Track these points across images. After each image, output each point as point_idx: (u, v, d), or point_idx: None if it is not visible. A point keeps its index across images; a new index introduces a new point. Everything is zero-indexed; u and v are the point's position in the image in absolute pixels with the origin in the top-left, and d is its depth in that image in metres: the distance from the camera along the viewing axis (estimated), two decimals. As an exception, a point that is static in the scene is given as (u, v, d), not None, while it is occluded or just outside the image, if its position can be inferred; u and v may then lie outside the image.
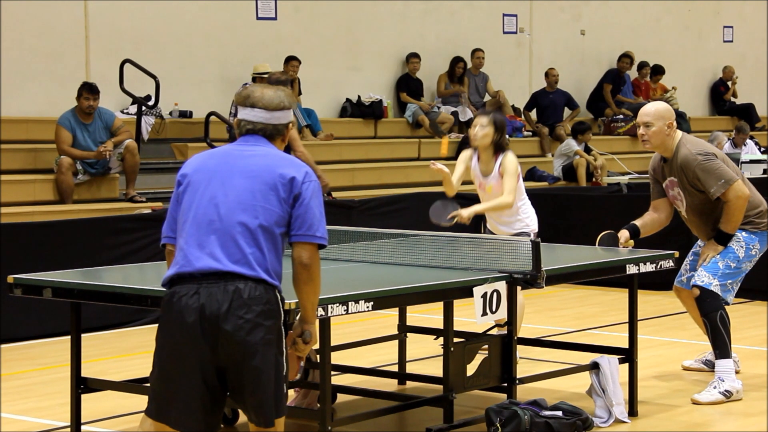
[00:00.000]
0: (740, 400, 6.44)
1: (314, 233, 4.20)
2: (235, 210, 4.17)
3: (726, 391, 6.42)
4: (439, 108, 15.71)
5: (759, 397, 6.56)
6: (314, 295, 4.25)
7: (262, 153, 4.28)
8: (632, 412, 6.12)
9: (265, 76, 13.35)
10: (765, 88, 20.03)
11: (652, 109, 6.60)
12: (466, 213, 7.03)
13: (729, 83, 19.60)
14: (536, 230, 7.28)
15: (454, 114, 15.60)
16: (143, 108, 12.29)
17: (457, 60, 15.72)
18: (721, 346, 6.47)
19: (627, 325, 6.28)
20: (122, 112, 12.61)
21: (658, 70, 18.24)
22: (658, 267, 6.30)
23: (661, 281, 9.07)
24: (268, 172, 4.21)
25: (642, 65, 17.80)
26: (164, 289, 4.21)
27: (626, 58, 17.52)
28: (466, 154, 7.41)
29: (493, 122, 7.18)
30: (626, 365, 6.19)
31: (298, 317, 4.32)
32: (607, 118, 17.41)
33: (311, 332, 4.30)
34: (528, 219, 7.32)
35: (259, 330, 4.10)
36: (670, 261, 6.33)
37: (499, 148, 7.20)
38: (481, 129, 7.18)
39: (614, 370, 5.99)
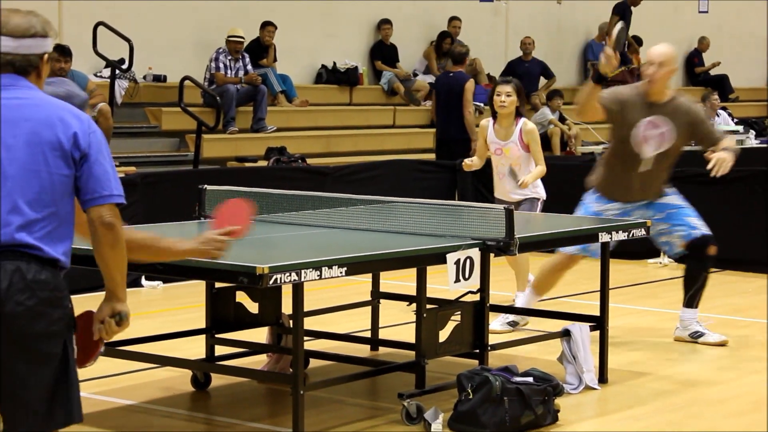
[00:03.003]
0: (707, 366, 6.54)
1: (112, 192, 3.45)
2: (20, 178, 3.38)
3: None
4: (415, 76, 15.68)
5: (726, 365, 6.64)
6: (122, 263, 3.49)
7: (32, 102, 3.44)
8: (602, 378, 6.18)
9: (240, 40, 13.31)
10: (739, 59, 20.11)
11: (669, 51, 6.79)
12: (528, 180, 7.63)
13: (703, 55, 19.62)
14: (544, 197, 7.82)
15: (431, 83, 15.59)
16: (117, 71, 12.21)
17: (444, 35, 15.69)
18: (699, 299, 7.03)
19: (599, 293, 6.33)
20: (95, 75, 12.52)
21: (634, 41, 18.21)
22: (630, 235, 6.34)
23: (633, 250, 9.14)
24: (48, 127, 3.41)
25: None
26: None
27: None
28: (482, 124, 7.84)
29: (516, 89, 7.63)
30: (597, 332, 6.25)
31: (104, 297, 3.54)
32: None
33: (126, 312, 3.52)
34: (538, 187, 7.81)
35: (42, 320, 3.38)
36: (642, 230, 6.37)
37: (518, 113, 7.67)
38: (507, 97, 7.60)
39: (585, 338, 6.03)
